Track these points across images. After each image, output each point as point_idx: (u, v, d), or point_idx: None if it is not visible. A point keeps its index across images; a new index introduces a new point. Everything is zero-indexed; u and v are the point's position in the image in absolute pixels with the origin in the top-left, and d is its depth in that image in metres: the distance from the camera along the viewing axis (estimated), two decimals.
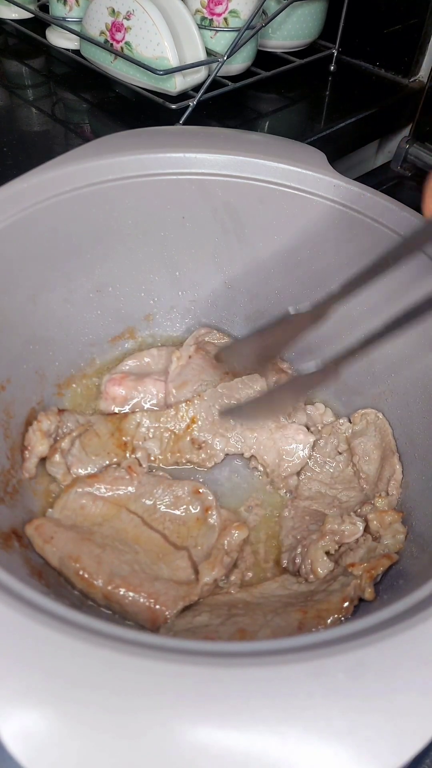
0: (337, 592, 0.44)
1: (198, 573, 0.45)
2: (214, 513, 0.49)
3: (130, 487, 0.51)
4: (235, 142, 0.59)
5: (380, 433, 0.55)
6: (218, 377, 0.59)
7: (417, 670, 0.27)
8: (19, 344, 0.53)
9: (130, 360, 0.62)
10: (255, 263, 0.62)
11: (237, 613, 0.43)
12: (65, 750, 0.25)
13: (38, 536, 0.46)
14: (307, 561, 0.47)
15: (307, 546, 0.48)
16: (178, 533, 0.49)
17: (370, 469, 0.55)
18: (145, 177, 0.56)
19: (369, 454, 0.55)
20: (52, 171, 0.52)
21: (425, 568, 0.42)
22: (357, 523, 0.48)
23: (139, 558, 0.46)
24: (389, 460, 0.53)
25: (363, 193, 0.54)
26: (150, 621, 0.43)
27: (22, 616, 0.28)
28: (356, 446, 0.56)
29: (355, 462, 0.55)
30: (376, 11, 0.95)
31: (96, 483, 0.51)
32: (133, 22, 0.76)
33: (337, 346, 0.53)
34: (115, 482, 0.51)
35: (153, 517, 0.50)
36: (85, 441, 0.54)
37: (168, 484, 0.51)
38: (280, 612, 0.43)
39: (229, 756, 0.25)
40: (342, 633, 0.29)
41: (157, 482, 0.51)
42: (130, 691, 0.26)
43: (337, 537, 0.48)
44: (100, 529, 0.48)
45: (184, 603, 0.43)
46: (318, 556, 0.47)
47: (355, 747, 0.25)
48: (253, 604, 0.45)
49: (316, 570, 0.46)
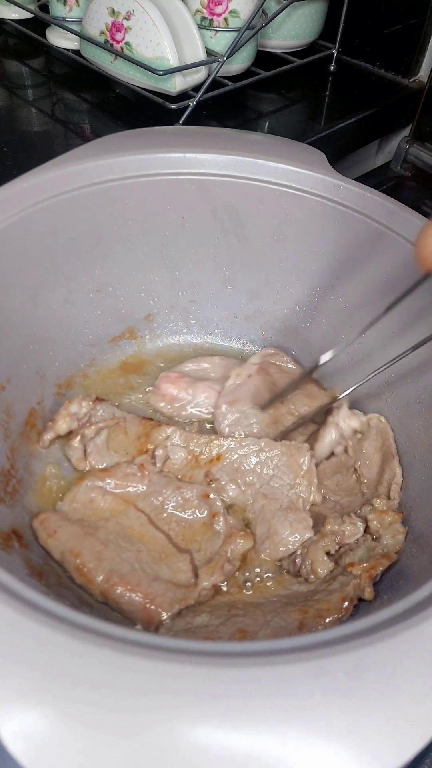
0: (336, 591, 0.44)
1: (197, 577, 0.46)
2: (221, 519, 0.49)
3: (140, 485, 0.51)
4: (235, 142, 0.59)
5: (382, 436, 0.55)
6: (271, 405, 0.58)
7: (417, 670, 0.27)
8: (19, 344, 0.53)
9: (190, 363, 0.62)
10: (255, 263, 0.62)
11: (237, 614, 0.43)
12: (66, 750, 0.25)
13: (42, 530, 0.47)
14: (307, 561, 0.47)
15: (308, 546, 0.48)
16: (183, 536, 0.49)
17: (371, 473, 0.54)
18: (145, 177, 0.56)
19: (370, 458, 0.55)
20: (52, 171, 0.52)
21: (425, 568, 0.42)
22: (357, 523, 0.48)
23: (141, 557, 0.46)
24: (390, 464, 0.53)
25: (363, 193, 0.54)
26: (145, 621, 0.43)
27: (22, 616, 0.28)
28: (358, 451, 0.56)
29: (357, 467, 0.55)
30: (376, 11, 0.95)
31: (107, 478, 0.51)
32: (133, 22, 0.76)
33: (337, 343, 0.53)
34: (126, 478, 0.51)
35: (160, 516, 0.50)
36: (112, 435, 0.54)
37: (178, 485, 0.51)
38: (280, 612, 0.43)
39: (229, 756, 0.25)
40: (342, 633, 0.29)
41: (168, 483, 0.51)
42: (131, 691, 0.26)
43: (337, 538, 0.48)
44: (106, 524, 0.48)
45: (180, 606, 0.43)
46: (318, 557, 0.47)
47: (356, 747, 0.25)
48: (253, 605, 0.45)
49: (317, 570, 0.46)
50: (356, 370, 0.59)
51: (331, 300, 0.60)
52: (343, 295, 0.59)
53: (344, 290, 0.59)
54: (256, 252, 0.62)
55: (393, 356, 0.51)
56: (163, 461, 0.53)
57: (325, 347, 0.62)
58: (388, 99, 0.95)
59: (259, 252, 0.61)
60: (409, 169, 0.93)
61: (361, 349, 0.57)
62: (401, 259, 0.51)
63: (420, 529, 0.47)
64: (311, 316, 0.62)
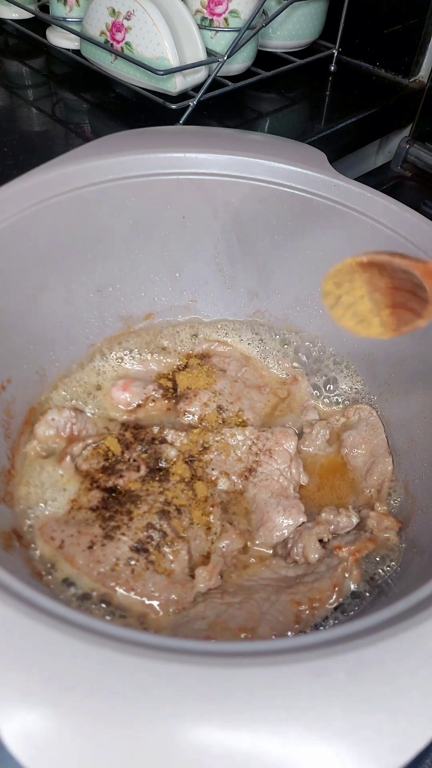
0: (325, 577, 0.45)
1: (194, 574, 0.46)
2: (215, 515, 0.50)
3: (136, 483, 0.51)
4: (236, 142, 0.59)
5: (372, 430, 0.56)
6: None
7: (417, 670, 0.27)
8: (19, 344, 0.53)
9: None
10: (255, 263, 0.62)
11: (231, 603, 0.43)
12: (66, 750, 0.25)
13: (40, 535, 0.47)
14: (299, 545, 0.48)
15: (301, 531, 0.49)
16: (180, 522, 0.49)
17: (357, 462, 0.56)
18: (145, 177, 0.56)
19: (356, 447, 0.56)
20: (52, 171, 0.52)
21: (425, 568, 0.42)
22: (352, 517, 0.50)
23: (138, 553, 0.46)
24: (381, 459, 0.54)
25: (363, 193, 0.54)
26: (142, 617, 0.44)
27: (22, 616, 0.28)
28: (345, 438, 0.57)
29: (343, 454, 0.56)
30: (377, 11, 0.95)
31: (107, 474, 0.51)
32: (134, 22, 0.76)
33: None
34: (127, 471, 0.52)
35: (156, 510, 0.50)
36: (97, 449, 0.54)
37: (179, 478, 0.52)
38: (273, 601, 0.43)
39: (230, 756, 0.25)
40: (342, 633, 0.29)
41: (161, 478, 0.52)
42: (131, 690, 0.26)
43: (331, 527, 0.49)
44: (102, 521, 0.48)
45: (177, 608, 0.44)
46: (311, 542, 0.48)
47: (356, 747, 0.25)
48: (244, 589, 0.45)
49: (308, 555, 0.47)
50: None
51: None
52: None
53: None
54: (256, 252, 0.62)
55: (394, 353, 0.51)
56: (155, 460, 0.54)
57: (325, 346, 0.63)
58: (388, 99, 0.95)
59: (259, 252, 0.61)
60: (409, 169, 0.93)
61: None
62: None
63: (420, 530, 0.47)
64: (311, 316, 0.62)
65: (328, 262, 0.59)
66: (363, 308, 0.41)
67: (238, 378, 0.61)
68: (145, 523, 0.48)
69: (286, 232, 0.59)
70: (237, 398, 0.59)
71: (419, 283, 0.37)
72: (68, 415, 0.54)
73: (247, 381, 0.61)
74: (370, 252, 0.39)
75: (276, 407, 0.61)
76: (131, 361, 0.62)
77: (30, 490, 0.51)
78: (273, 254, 0.61)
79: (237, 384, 0.61)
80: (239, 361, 0.63)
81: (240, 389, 0.60)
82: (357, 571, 0.46)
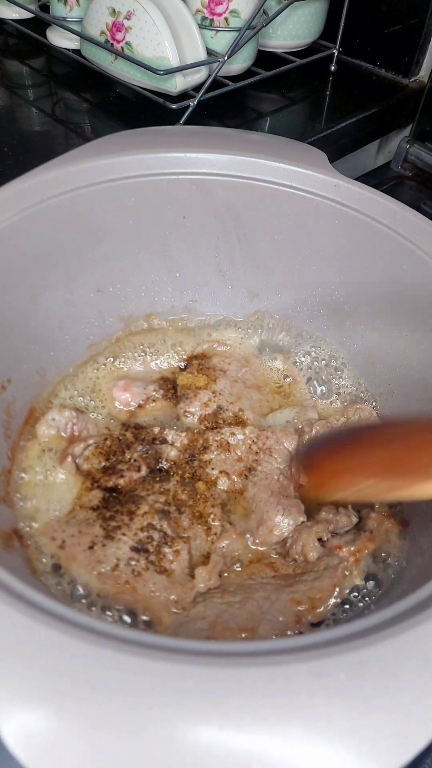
0: (325, 576, 0.45)
1: (193, 574, 0.46)
2: (215, 515, 0.50)
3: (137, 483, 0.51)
4: (236, 142, 0.59)
5: None
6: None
7: (418, 670, 0.27)
8: (19, 344, 0.53)
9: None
10: (255, 263, 0.62)
11: (231, 602, 0.43)
12: (67, 750, 0.25)
13: (41, 535, 0.47)
14: (298, 543, 0.48)
15: (300, 530, 0.49)
16: (180, 522, 0.49)
17: None
18: (145, 177, 0.56)
19: None
20: (52, 171, 0.52)
21: (425, 568, 0.42)
22: (351, 516, 0.50)
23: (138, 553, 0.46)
24: None
25: (363, 193, 0.54)
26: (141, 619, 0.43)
27: (23, 616, 0.28)
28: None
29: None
30: (377, 11, 0.95)
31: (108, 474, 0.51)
32: (134, 22, 0.76)
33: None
34: (128, 471, 0.52)
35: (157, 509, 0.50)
36: (98, 449, 0.54)
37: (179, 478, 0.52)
38: (273, 600, 0.43)
39: (231, 756, 0.25)
40: (342, 633, 0.29)
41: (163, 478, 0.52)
42: (132, 691, 0.26)
43: (331, 526, 0.49)
44: (104, 513, 0.48)
45: (177, 609, 0.44)
46: (310, 540, 0.48)
47: (357, 747, 0.25)
48: (243, 587, 0.45)
49: (307, 553, 0.47)
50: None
51: (331, 300, 0.60)
52: (343, 294, 0.59)
53: (345, 290, 0.59)
54: (257, 252, 0.62)
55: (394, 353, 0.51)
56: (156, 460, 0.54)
57: (325, 346, 0.63)
58: (388, 99, 0.95)
59: (260, 252, 0.61)
60: (409, 169, 0.93)
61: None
62: (401, 259, 0.52)
63: (420, 530, 0.47)
64: (311, 316, 0.62)
65: (328, 262, 0.60)
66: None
67: (238, 378, 0.61)
68: (145, 523, 0.48)
69: (286, 232, 0.59)
70: (237, 398, 0.59)
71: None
72: (69, 415, 0.54)
73: (247, 381, 0.62)
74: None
75: (276, 407, 0.61)
76: (132, 362, 0.62)
77: (30, 490, 0.51)
78: (273, 254, 0.61)
79: (237, 384, 0.61)
80: (239, 361, 0.63)
81: (240, 389, 0.60)
82: (357, 570, 0.46)
